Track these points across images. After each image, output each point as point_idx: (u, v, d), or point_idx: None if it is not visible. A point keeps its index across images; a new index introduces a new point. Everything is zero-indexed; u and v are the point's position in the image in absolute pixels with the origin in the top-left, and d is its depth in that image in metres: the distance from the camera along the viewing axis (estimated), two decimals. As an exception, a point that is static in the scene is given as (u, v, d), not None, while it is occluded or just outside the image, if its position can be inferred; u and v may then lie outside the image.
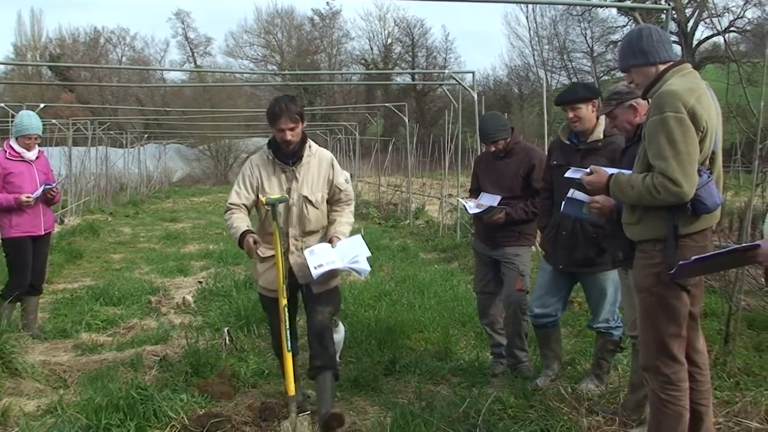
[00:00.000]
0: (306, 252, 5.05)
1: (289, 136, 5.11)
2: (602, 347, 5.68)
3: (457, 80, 14.71)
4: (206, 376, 5.98)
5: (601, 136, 5.46)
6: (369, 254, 5.07)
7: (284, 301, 5.04)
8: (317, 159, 5.29)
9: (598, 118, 5.48)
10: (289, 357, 5.04)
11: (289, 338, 5.07)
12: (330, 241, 5.16)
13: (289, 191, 5.19)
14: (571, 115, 5.48)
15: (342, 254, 5.03)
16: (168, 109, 39.37)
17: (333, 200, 5.38)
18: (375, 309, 8.23)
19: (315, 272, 4.93)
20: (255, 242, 5.02)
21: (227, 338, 6.94)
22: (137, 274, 11.48)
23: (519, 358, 6.16)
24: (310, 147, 5.28)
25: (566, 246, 5.60)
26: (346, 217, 5.35)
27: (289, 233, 5.22)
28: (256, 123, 40.17)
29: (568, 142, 5.65)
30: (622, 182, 3.91)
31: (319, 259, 4.96)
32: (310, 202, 5.21)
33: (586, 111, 5.44)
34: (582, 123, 5.47)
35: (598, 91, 5.61)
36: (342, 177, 5.36)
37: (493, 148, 6.23)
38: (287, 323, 5.07)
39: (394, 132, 39.95)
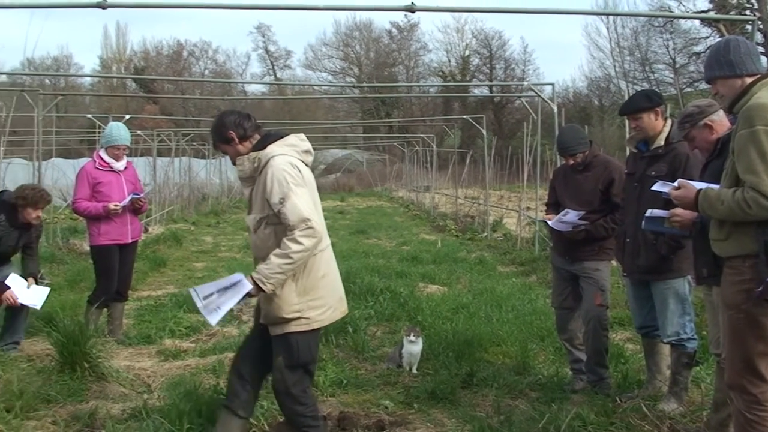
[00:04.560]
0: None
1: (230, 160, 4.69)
2: (676, 361, 5.56)
3: (536, 92, 14.62)
4: (285, 384, 6.05)
5: (663, 143, 5.47)
6: (225, 310, 4.32)
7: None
8: (269, 173, 4.35)
9: (664, 125, 5.50)
10: None
11: None
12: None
13: None
14: (633, 124, 5.58)
15: (220, 295, 4.36)
16: (248, 120, 39.95)
17: None
18: (452, 321, 8.23)
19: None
20: None
21: (306, 347, 7.00)
22: (219, 282, 11.65)
23: (600, 375, 6.07)
24: (258, 159, 4.43)
25: (630, 253, 5.61)
26: (278, 251, 4.26)
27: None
28: (334, 135, 40.64)
29: (635, 150, 5.69)
30: (712, 197, 3.83)
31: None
32: (249, 226, 4.57)
33: (648, 120, 5.47)
34: (644, 132, 5.53)
35: (659, 98, 5.59)
36: (277, 195, 4.25)
37: (571, 161, 6.19)
38: None
39: (472, 144, 39.80)
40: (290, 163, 4.37)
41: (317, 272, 4.45)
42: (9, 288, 6.91)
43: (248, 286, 4.28)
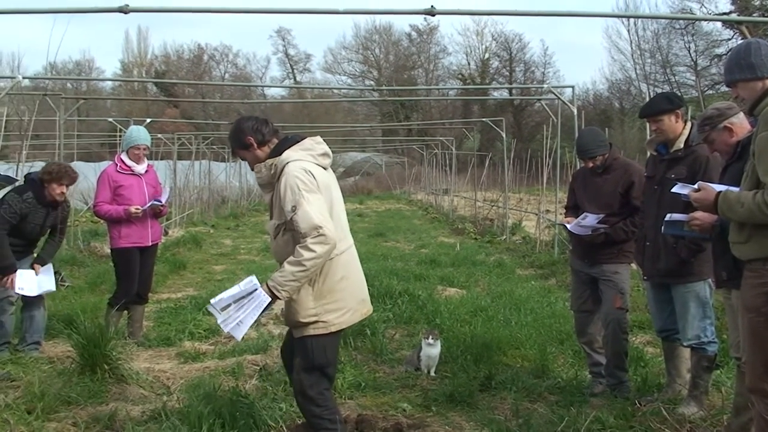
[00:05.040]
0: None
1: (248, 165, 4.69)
2: (697, 365, 5.52)
3: (556, 95, 14.56)
4: (304, 386, 6.07)
5: (683, 146, 5.45)
6: (252, 321, 4.29)
7: None
8: (283, 180, 4.33)
9: (684, 128, 5.47)
10: None
11: None
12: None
13: None
14: (653, 127, 5.55)
15: (238, 308, 4.32)
16: (268, 124, 39.99)
17: None
18: (471, 324, 8.21)
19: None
20: None
21: (324, 350, 7.02)
22: (238, 285, 11.68)
23: (619, 378, 6.04)
24: (275, 165, 4.42)
25: (650, 256, 5.60)
26: (291, 258, 4.23)
27: None
28: (353, 138, 40.70)
29: (655, 153, 5.68)
30: (731, 200, 3.81)
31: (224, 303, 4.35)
32: (269, 232, 4.58)
33: (669, 122, 5.45)
34: (665, 134, 5.50)
35: (680, 101, 5.59)
36: (289, 203, 4.23)
37: (590, 164, 6.16)
38: None
39: (491, 147, 39.73)
40: (304, 169, 4.33)
41: (334, 276, 4.42)
42: (15, 272, 6.98)
43: (265, 297, 4.26)
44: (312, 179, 4.32)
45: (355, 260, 4.69)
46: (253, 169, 4.58)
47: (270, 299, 4.27)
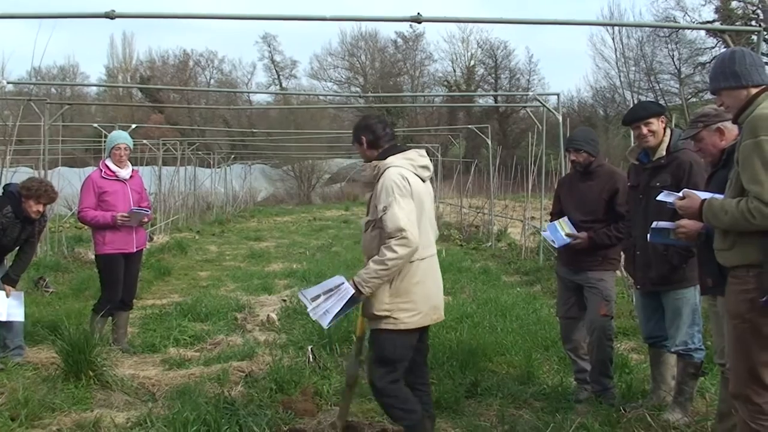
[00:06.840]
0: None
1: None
2: (683, 371, 5.55)
3: (541, 102, 14.63)
4: (290, 393, 6.07)
5: (664, 153, 5.48)
6: (333, 313, 4.59)
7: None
8: (381, 182, 4.72)
9: (665, 135, 5.50)
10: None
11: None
12: None
13: None
14: (645, 131, 5.50)
15: (326, 298, 4.67)
16: (254, 130, 40.01)
17: None
18: (456, 331, 8.21)
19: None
20: None
21: (311, 356, 7.03)
22: (223, 291, 11.69)
23: (604, 385, 6.05)
24: (378, 167, 4.81)
25: (641, 265, 5.62)
26: (376, 257, 4.60)
27: None
28: (339, 144, 40.67)
29: (637, 162, 5.70)
30: (716, 207, 3.84)
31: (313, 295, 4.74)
32: (362, 227, 4.94)
33: (658, 125, 5.49)
34: (656, 137, 5.50)
35: (664, 107, 5.59)
36: (382, 203, 4.61)
37: (573, 157, 6.17)
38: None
39: (476, 154, 39.74)
40: (401, 175, 4.69)
41: (412, 278, 4.72)
42: None
43: (351, 290, 4.60)
44: (407, 185, 4.68)
45: (434, 269, 4.99)
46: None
47: (354, 292, 4.59)
